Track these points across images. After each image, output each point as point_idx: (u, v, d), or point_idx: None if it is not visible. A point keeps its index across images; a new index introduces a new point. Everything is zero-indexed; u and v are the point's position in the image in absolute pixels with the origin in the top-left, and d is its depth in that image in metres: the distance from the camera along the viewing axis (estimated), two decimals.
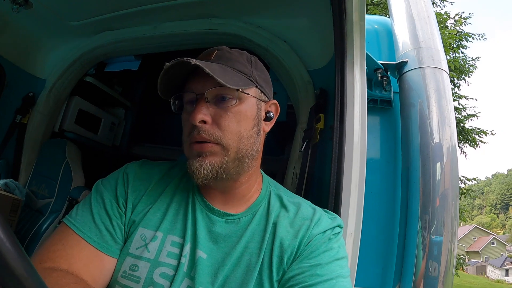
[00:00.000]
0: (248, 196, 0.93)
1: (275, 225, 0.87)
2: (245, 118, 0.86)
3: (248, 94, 0.86)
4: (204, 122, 0.81)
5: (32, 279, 0.37)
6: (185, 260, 0.83)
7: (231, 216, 0.89)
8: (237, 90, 0.83)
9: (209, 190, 0.92)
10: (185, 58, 0.77)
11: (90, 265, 0.81)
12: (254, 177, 0.94)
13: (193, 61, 0.77)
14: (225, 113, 0.83)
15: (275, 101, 0.96)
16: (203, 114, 0.80)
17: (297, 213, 0.90)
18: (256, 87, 0.89)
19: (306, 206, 0.94)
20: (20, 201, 1.83)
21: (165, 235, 0.86)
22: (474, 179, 9.43)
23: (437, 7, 9.27)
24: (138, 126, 3.20)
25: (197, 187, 0.93)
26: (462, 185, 9.34)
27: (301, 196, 1.10)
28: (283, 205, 0.93)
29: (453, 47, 8.16)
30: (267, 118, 0.93)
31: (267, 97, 0.93)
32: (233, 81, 0.81)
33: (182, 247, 0.84)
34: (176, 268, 0.82)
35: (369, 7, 7.65)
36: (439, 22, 7.41)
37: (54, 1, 1.80)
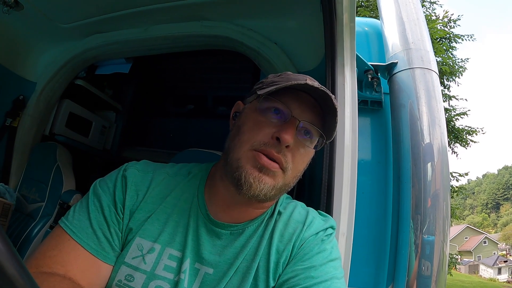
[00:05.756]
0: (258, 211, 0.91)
1: (272, 231, 0.87)
2: (308, 160, 0.89)
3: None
4: (288, 146, 0.79)
5: (25, 281, 0.37)
6: (184, 276, 0.81)
7: (236, 226, 0.87)
8: (325, 141, 0.87)
9: (216, 199, 0.88)
10: (329, 93, 0.80)
11: (87, 271, 0.79)
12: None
13: (336, 103, 0.81)
14: (303, 149, 0.84)
15: None
16: (292, 140, 0.80)
17: (291, 216, 0.90)
18: None
19: (300, 209, 0.93)
20: (11, 205, 1.81)
21: (163, 248, 0.83)
22: (466, 174, 9.45)
23: (426, 10, 9.36)
24: (129, 129, 3.19)
25: (202, 196, 0.90)
26: (455, 182, 9.36)
27: (293, 195, 1.08)
28: (278, 211, 0.91)
29: (443, 49, 8.23)
30: None
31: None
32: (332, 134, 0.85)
33: (180, 261, 0.82)
34: (175, 284, 0.80)
35: (358, 9, 7.71)
36: (427, 24, 7.48)
37: (45, 3, 1.79)
